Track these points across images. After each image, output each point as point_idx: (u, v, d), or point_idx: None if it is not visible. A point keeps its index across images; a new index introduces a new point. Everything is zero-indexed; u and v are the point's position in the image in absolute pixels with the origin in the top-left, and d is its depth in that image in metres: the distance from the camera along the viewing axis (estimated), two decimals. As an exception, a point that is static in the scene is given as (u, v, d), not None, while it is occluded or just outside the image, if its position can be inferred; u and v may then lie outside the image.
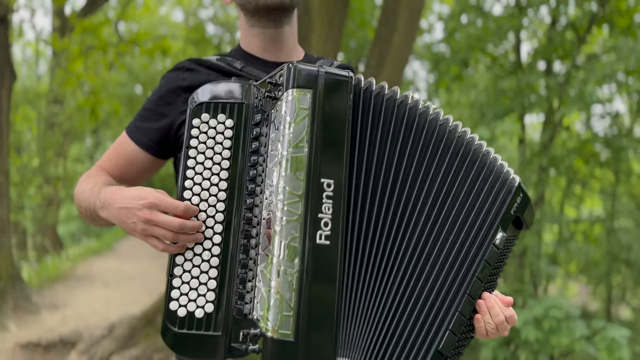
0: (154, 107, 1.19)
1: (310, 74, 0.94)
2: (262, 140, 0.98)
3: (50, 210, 11.02)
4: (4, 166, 5.46)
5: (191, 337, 0.93)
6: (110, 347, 4.44)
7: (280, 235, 0.89)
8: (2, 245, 5.41)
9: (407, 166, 1.01)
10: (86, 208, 1.11)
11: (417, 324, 1.00)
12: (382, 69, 4.36)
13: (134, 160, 1.20)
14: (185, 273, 0.95)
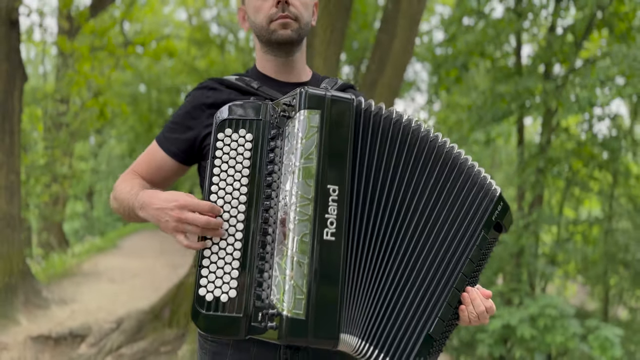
0: (181, 121, 1.35)
1: (319, 97, 1.10)
2: (277, 152, 1.13)
3: (57, 208, 11.20)
4: (15, 166, 5.62)
5: (217, 318, 1.08)
6: (118, 340, 4.58)
7: (293, 232, 1.05)
8: (13, 242, 5.57)
9: (402, 176, 1.17)
10: (124, 207, 1.27)
11: (411, 310, 1.15)
12: (382, 74, 4.50)
13: (162, 166, 1.36)
14: (212, 264, 1.10)
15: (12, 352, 4.76)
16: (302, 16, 1.33)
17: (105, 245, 12.02)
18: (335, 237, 1.07)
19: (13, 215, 5.57)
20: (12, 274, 5.49)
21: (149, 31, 19.06)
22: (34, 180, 8.87)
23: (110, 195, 1.37)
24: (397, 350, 1.13)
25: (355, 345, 1.09)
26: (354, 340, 1.10)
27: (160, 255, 11.19)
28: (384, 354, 1.12)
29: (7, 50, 5.42)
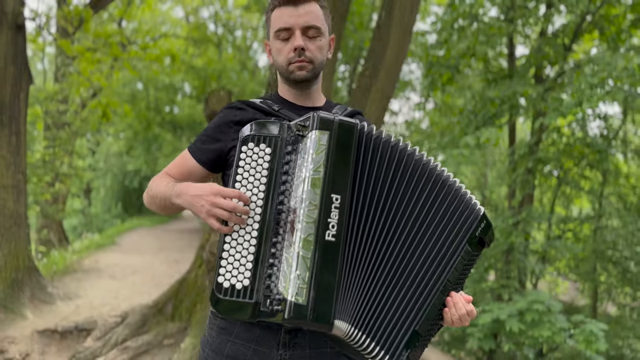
0: (211, 134, 1.56)
1: (329, 120, 1.31)
2: (291, 164, 1.32)
3: (58, 206, 11.34)
4: (21, 165, 5.79)
5: (232, 303, 1.26)
6: (123, 333, 4.74)
7: (301, 232, 1.24)
8: (20, 239, 5.73)
9: (397, 191, 1.36)
10: (161, 198, 1.48)
11: (400, 307, 1.34)
12: (375, 80, 4.69)
13: (192, 172, 1.57)
14: (230, 256, 1.28)
15: (20, 346, 4.91)
16: (317, 58, 1.52)
17: (104, 242, 12.14)
18: (335, 238, 1.26)
19: (20, 213, 5.73)
20: (19, 270, 5.65)
21: (147, 30, 19.15)
22: (36, 179, 9.01)
23: (145, 194, 1.59)
24: (387, 340, 1.32)
25: (347, 331, 1.27)
26: (347, 326, 1.27)
27: (159, 251, 11.35)
28: (375, 342, 1.30)
29: (14, 53, 5.58)
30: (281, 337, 1.40)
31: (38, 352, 4.91)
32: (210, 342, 1.46)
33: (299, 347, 1.41)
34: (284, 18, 1.50)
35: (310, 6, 1.50)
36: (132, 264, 9.37)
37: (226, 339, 1.43)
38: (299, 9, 1.49)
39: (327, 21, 1.57)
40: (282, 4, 1.51)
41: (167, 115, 20.15)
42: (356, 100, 4.90)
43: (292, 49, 1.50)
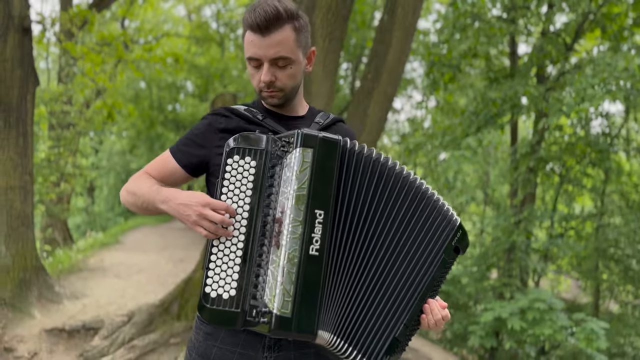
0: (196, 139, 1.54)
1: (313, 138, 1.33)
2: (275, 178, 1.35)
3: (62, 205, 11.42)
4: (28, 166, 5.85)
5: (219, 312, 1.29)
6: (130, 332, 4.81)
7: (285, 247, 1.27)
8: (27, 239, 5.80)
9: (377, 204, 1.41)
10: (144, 200, 1.46)
11: (381, 316, 1.41)
12: (378, 82, 4.75)
13: (173, 173, 1.55)
14: (217, 267, 1.31)
15: (28, 344, 5.00)
16: (287, 86, 1.50)
17: (109, 241, 12.23)
18: (319, 253, 1.30)
19: (27, 213, 5.80)
20: (27, 269, 5.71)
21: (149, 28, 19.21)
22: (41, 179, 9.09)
23: (122, 191, 1.56)
24: (369, 348, 1.38)
25: (329, 340, 1.33)
26: (330, 336, 1.32)
27: (163, 250, 11.44)
28: (357, 350, 1.37)
29: (21, 56, 5.64)
30: (266, 341, 1.45)
31: (46, 350, 5.00)
32: (197, 347, 1.49)
33: (284, 349, 1.46)
34: (253, 48, 1.45)
35: (281, 34, 1.43)
36: (137, 262, 9.45)
37: (212, 344, 1.46)
38: (267, 39, 1.42)
39: (303, 40, 1.50)
40: (252, 30, 1.44)
41: (169, 114, 20.23)
42: (359, 102, 4.95)
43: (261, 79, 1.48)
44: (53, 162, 9.88)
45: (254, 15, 1.40)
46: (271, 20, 1.40)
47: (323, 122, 1.61)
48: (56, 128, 10.90)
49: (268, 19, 1.39)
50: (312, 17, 4.89)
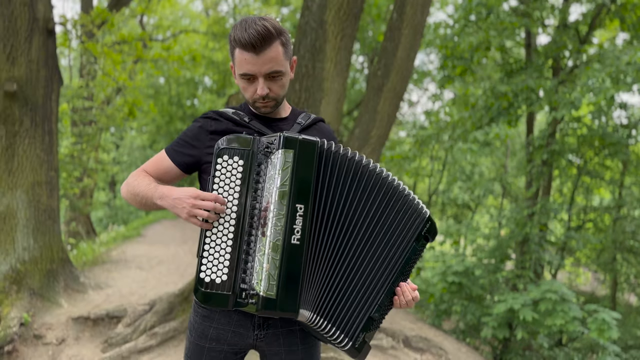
0: (189, 140, 1.70)
1: (294, 140, 1.48)
2: (261, 175, 1.50)
3: (86, 199, 11.75)
4: (54, 162, 6.11)
5: (212, 295, 1.47)
6: (152, 320, 5.02)
7: (270, 237, 1.45)
8: (54, 232, 6.06)
9: (353, 198, 1.57)
10: (142, 197, 1.62)
11: (357, 298, 1.59)
12: (387, 79, 4.85)
13: (168, 171, 1.72)
14: (210, 255, 1.48)
15: (56, 332, 5.24)
16: (279, 95, 1.65)
17: (130, 234, 12.53)
18: (299, 242, 1.47)
19: (53, 208, 6.06)
20: (54, 261, 5.98)
21: (167, 25, 19.46)
22: (65, 174, 9.38)
23: (123, 187, 1.73)
24: (346, 325, 1.57)
25: (310, 318, 1.52)
26: (310, 314, 1.50)
27: (183, 243, 11.70)
28: (335, 327, 1.56)
29: (45, 57, 5.88)
30: (256, 320, 1.66)
31: (73, 337, 5.22)
32: (196, 328, 1.70)
33: (272, 327, 1.67)
34: (247, 65, 1.56)
35: (271, 51, 1.55)
36: (158, 255, 9.71)
37: (208, 325, 1.67)
38: (260, 57, 1.54)
39: (289, 53, 1.63)
40: (244, 49, 1.55)
41: (188, 108, 20.50)
42: (369, 99, 5.07)
43: (256, 92, 1.61)
44: (76, 158, 10.19)
45: (246, 35, 1.52)
46: (264, 39, 1.52)
47: (304, 122, 1.77)
48: (78, 124, 11.22)
49: (261, 39, 1.52)
50: (324, 16, 5.00)
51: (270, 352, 1.72)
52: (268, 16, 1.59)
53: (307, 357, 1.74)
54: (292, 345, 1.71)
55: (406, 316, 7.91)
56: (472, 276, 8.43)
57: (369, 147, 4.86)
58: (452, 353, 6.32)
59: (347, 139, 5.09)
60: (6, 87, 5.57)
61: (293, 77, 1.79)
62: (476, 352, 7.11)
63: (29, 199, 5.78)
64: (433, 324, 8.45)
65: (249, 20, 1.55)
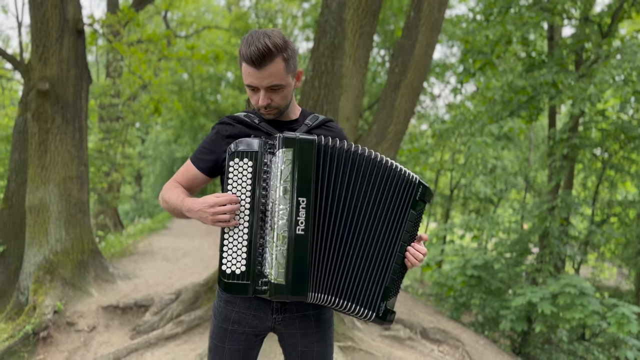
0: (207, 146, 1.87)
1: (292, 139, 1.63)
2: (268, 173, 1.64)
3: (114, 193, 12.10)
4: (84, 158, 6.36)
5: (233, 284, 1.64)
6: (178, 309, 5.23)
7: (277, 230, 1.61)
8: (84, 225, 6.32)
9: (349, 184, 1.71)
10: (174, 208, 1.81)
11: (369, 273, 1.73)
12: (404, 76, 4.94)
13: (195, 178, 1.90)
14: (229, 249, 1.64)
15: (87, 319, 5.48)
16: (281, 104, 1.79)
17: (156, 227, 12.86)
18: (304, 232, 1.62)
19: (83, 201, 6.32)
20: (84, 252, 6.24)
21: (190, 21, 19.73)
22: (94, 169, 9.70)
23: (160, 198, 1.91)
24: (364, 299, 1.73)
25: (326, 299, 1.68)
26: (324, 296, 1.66)
27: (207, 235, 11.97)
28: (355, 303, 1.71)
29: (75, 57, 6.12)
30: (274, 304, 1.84)
31: (103, 325, 5.45)
32: (220, 312, 1.88)
33: (289, 311, 1.84)
34: (250, 78, 1.71)
35: (272, 67, 1.68)
36: (183, 247, 9.98)
37: (231, 309, 1.85)
38: (261, 72, 1.67)
39: (291, 66, 1.74)
40: (247, 63, 1.68)
41: (211, 103, 20.79)
42: (387, 95, 5.16)
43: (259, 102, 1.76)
44: (104, 153, 10.50)
45: (249, 52, 1.65)
46: (264, 56, 1.65)
47: (312, 123, 1.91)
48: (105, 120, 11.55)
49: (261, 56, 1.64)
50: (342, 14, 5.10)
51: (287, 334, 1.89)
52: (273, 31, 1.70)
53: (321, 339, 1.90)
54: (307, 329, 1.88)
55: (425, 308, 8.01)
56: (492, 270, 8.46)
57: (386, 142, 4.97)
58: (469, 345, 6.41)
59: (365, 135, 5.20)
60: (39, 86, 5.82)
61: (299, 86, 1.91)
62: (494, 345, 7.17)
63: (60, 192, 6.03)
64: (452, 317, 8.53)
65: (254, 36, 1.68)
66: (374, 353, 4.88)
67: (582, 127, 9.02)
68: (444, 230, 11.32)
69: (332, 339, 1.97)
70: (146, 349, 4.73)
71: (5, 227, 6.42)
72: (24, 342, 4.88)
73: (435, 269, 10.56)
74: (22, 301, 5.69)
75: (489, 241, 14.46)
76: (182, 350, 4.65)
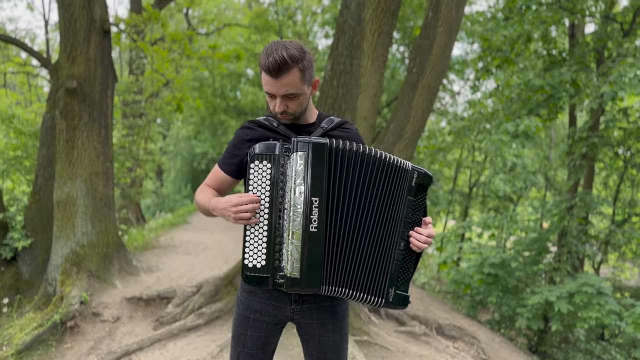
0: (231, 151, 2.01)
1: (305, 143, 1.75)
2: (285, 175, 1.77)
3: (137, 188, 12.36)
4: (109, 154, 6.56)
5: (255, 277, 1.78)
6: (199, 301, 5.38)
7: (292, 227, 1.74)
8: (109, 219, 6.52)
9: (357, 183, 1.81)
10: (204, 209, 1.98)
11: (373, 263, 1.84)
12: (422, 76, 5.00)
13: (223, 181, 2.05)
14: (251, 245, 1.79)
15: (112, 310, 5.66)
16: (297, 111, 1.91)
17: (177, 221, 13.10)
18: (317, 229, 1.74)
19: (109, 196, 6.52)
20: (109, 245, 6.43)
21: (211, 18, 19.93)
22: (117, 164, 9.94)
23: (195, 201, 2.09)
24: (372, 288, 1.84)
25: (338, 291, 1.79)
26: (334, 288, 1.80)
27: (226, 230, 12.17)
28: (364, 293, 1.82)
29: (102, 56, 6.30)
30: (292, 296, 1.98)
31: (127, 316, 5.62)
32: (243, 301, 2.03)
33: (306, 302, 1.98)
34: (268, 86, 1.83)
35: (289, 77, 1.79)
36: (203, 241, 10.17)
37: (253, 299, 2.00)
38: (278, 81, 1.80)
39: (307, 76, 1.85)
40: (265, 72, 1.81)
41: (231, 100, 21.00)
42: (404, 95, 5.23)
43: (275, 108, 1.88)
44: (127, 149, 10.75)
45: (267, 62, 1.77)
46: (280, 67, 1.77)
47: (327, 127, 2.02)
48: (128, 117, 11.80)
49: (278, 67, 1.76)
50: (361, 14, 5.17)
51: (304, 324, 2.03)
52: (292, 42, 1.82)
53: (336, 329, 2.03)
54: (324, 319, 2.01)
55: (441, 306, 8.07)
56: (509, 268, 8.47)
57: (403, 141, 5.04)
58: (485, 342, 6.46)
59: (382, 134, 5.28)
60: (67, 84, 6.02)
61: (316, 93, 2.02)
62: (510, 343, 7.20)
63: (87, 187, 6.23)
64: (468, 315, 8.57)
65: (273, 47, 1.79)
66: (389, 348, 4.98)
67: (604, 125, 8.94)
68: (462, 228, 11.33)
69: (347, 330, 2.08)
70: (169, 340, 4.89)
71: (32, 221, 6.64)
72: (52, 331, 5.07)
73: (453, 267, 10.58)
74: (50, 292, 5.90)
75: (507, 239, 14.40)
76: (203, 341, 4.80)
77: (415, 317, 6.22)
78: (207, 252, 9.05)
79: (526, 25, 7.38)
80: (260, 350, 2.02)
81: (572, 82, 7.38)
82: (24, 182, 9.41)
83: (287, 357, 4.42)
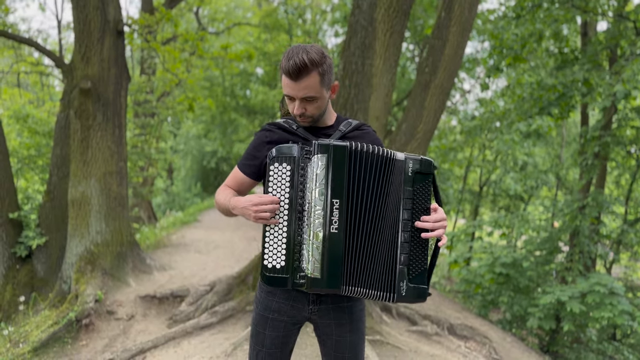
0: (251, 152, 2.04)
1: (326, 146, 1.76)
2: (305, 177, 1.79)
3: (148, 187, 12.45)
4: (123, 154, 6.63)
5: (274, 277, 1.80)
6: (212, 300, 5.43)
7: (313, 228, 1.76)
8: (123, 218, 6.59)
9: (372, 183, 1.82)
10: (223, 208, 2.01)
11: (382, 261, 1.83)
12: (435, 76, 5.01)
13: (243, 182, 2.08)
14: (271, 246, 1.81)
15: (126, 308, 5.72)
16: (315, 114, 1.93)
17: (188, 220, 13.18)
18: (337, 230, 1.76)
19: (122, 195, 6.59)
20: (123, 244, 6.50)
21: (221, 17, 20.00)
22: (130, 164, 10.02)
23: (215, 201, 2.12)
24: (382, 285, 1.83)
25: (355, 291, 1.80)
26: (352, 288, 1.79)
27: (237, 229, 12.22)
28: (375, 290, 1.82)
29: (115, 56, 6.37)
30: (310, 296, 2.00)
31: (141, 314, 5.67)
32: (261, 302, 2.06)
33: (324, 303, 2.00)
34: (288, 89, 1.86)
35: (308, 80, 1.82)
36: (215, 239, 10.23)
37: (272, 299, 2.02)
38: (297, 84, 1.83)
39: (326, 80, 1.88)
40: (286, 75, 1.84)
41: (241, 99, 21.07)
42: (416, 95, 5.24)
43: (294, 110, 1.91)
44: (139, 148, 10.83)
45: (288, 65, 1.80)
46: (300, 70, 1.80)
47: (345, 130, 2.04)
48: (140, 116, 11.89)
49: (298, 70, 1.79)
50: (373, 14, 5.19)
51: (322, 324, 2.05)
52: (313, 46, 1.84)
53: (354, 329, 2.06)
54: (341, 319, 2.03)
55: (452, 305, 8.07)
56: (520, 268, 8.45)
57: (415, 141, 5.05)
58: (496, 342, 6.45)
59: (394, 134, 5.29)
60: (82, 85, 6.09)
61: (334, 97, 2.03)
62: (522, 343, 7.19)
63: (101, 187, 6.30)
64: (479, 314, 8.56)
65: (294, 50, 1.82)
66: (401, 347, 5.00)
67: (616, 124, 8.88)
68: (472, 227, 11.31)
69: (364, 330, 2.11)
70: (183, 338, 4.94)
71: (47, 219, 6.73)
72: (68, 328, 5.14)
73: (464, 266, 10.57)
74: (65, 289, 5.98)
75: (518, 239, 14.35)
76: (216, 339, 4.84)
77: (426, 317, 6.23)
78: (219, 250, 9.11)
79: (538, 25, 7.34)
80: (279, 349, 2.05)
81: (584, 80, 7.34)
82: (37, 181, 9.52)
83: (301, 356, 4.45)
